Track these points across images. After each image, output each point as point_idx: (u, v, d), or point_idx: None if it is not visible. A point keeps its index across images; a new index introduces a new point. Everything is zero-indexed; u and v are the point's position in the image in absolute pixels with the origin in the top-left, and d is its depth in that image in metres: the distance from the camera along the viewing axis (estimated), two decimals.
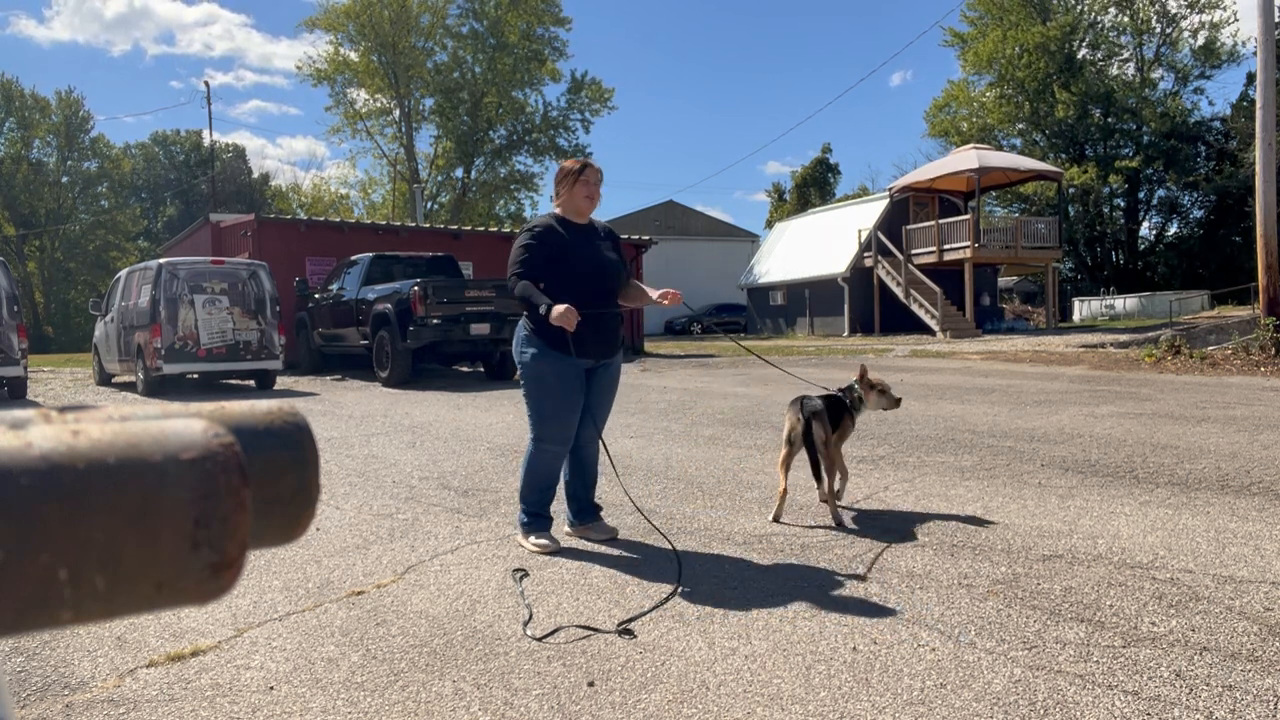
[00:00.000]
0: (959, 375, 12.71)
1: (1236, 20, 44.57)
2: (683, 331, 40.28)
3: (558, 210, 4.26)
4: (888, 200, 29.88)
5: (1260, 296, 14.62)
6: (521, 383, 4.18)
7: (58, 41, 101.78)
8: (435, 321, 12.48)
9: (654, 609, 3.24)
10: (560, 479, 4.24)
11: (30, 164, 54.03)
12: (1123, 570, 3.53)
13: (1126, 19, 43.67)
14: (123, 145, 62.48)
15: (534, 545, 4.05)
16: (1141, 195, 46.60)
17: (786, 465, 4.48)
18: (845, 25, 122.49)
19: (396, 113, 44.74)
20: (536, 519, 4.14)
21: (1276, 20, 14.88)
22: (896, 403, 4.79)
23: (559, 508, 4.39)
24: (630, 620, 3.12)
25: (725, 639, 2.94)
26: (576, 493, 4.32)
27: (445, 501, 5.14)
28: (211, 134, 48.62)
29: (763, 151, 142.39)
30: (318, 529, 4.54)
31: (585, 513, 4.31)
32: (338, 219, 25.33)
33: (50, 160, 55.83)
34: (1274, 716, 2.31)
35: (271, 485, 0.44)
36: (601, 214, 4.74)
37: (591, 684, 2.62)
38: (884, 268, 28.27)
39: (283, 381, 14.25)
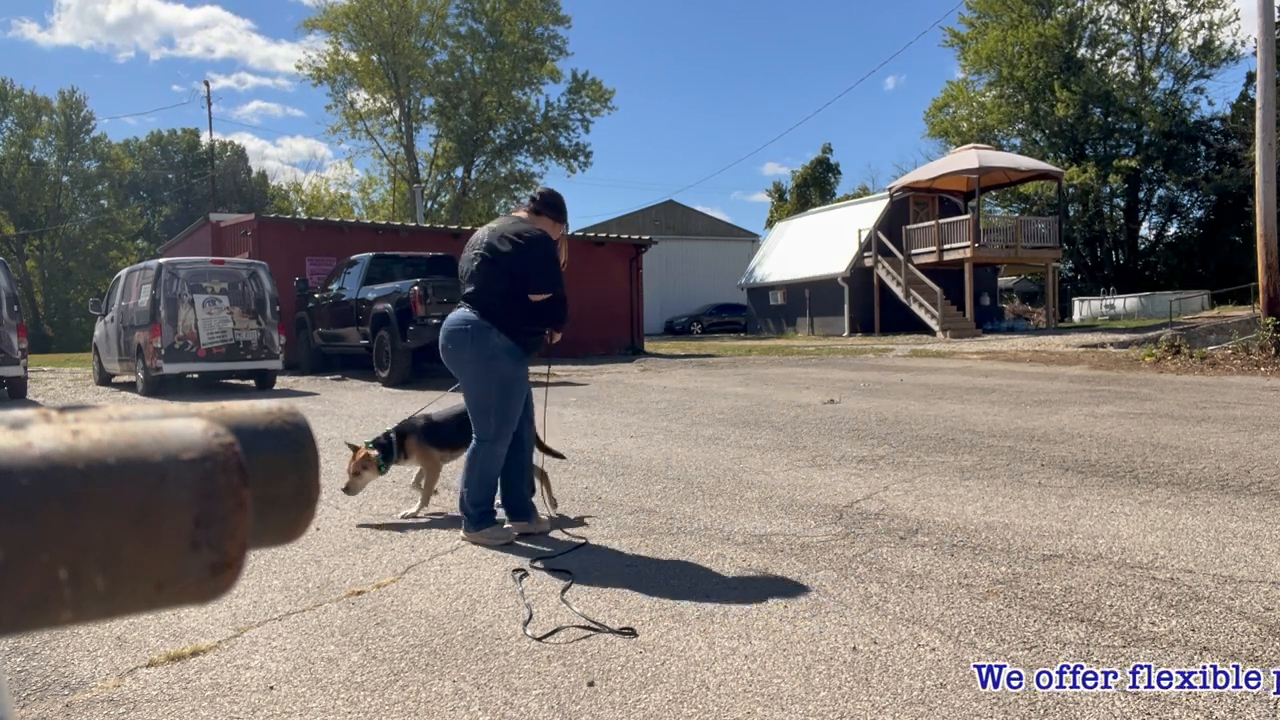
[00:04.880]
0: (959, 375, 12.71)
1: (1237, 20, 44.46)
2: (683, 331, 40.30)
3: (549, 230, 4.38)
4: (888, 200, 29.87)
5: (1260, 296, 14.62)
6: (482, 385, 4.19)
7: (60, 45, 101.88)
8: (435, 321, 12.47)
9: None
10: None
11: (30, 164, 54.02)
12: (1123, 570, 3.53)
13: (1127, 17, 43.65)
14: (121, 143, 62.57)
15: (492, 539, 4.20)
16: (1141, 195, 46.58)
17: None
18: (844, 26, 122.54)
19: (396, 113, 44.74)
20: (488, 515, 4.27)
21: (1276, 20, 14.88)
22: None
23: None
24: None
25: (725, 639, 2.94)
26: (523, 492, 4.45)
27: (445, 501, 5.14)
28: (211, 133, 48.59)
29: (762, 151, 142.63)
30: (318, 529, 4.54)
31: (527, 511, 4.45)
32: (338, 219, 25.32)
33: (50, 160, 55.82)
34: (1274, 716, 2.31)
35: (271, 485, 0.44)
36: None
37: (591, 684, 2.62)
38: (884, 267, 28.26)
39: (283, 381, 14.25)
